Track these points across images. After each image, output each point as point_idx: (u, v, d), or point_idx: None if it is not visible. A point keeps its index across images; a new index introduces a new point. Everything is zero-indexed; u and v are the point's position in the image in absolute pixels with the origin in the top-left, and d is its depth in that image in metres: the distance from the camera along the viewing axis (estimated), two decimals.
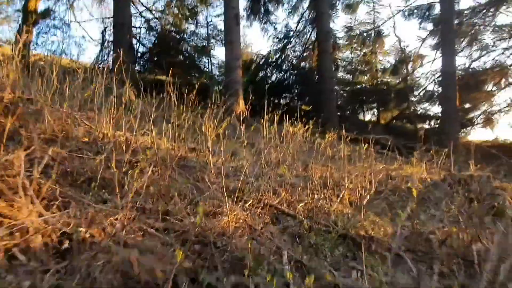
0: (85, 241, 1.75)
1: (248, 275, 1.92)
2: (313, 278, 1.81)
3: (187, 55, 12.21)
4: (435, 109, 22.69)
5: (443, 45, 11.26)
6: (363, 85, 15.55)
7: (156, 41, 12.58)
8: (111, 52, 11.26)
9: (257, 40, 47.96)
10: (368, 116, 16.97)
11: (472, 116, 14.74)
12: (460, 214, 3.66)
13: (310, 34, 12.84)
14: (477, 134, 15.38)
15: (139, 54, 13.08)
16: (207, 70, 11.54)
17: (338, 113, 12.45)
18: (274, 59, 12.55)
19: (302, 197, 3.70)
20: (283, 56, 12.72)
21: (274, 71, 12.87)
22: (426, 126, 15.35)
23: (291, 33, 12.58)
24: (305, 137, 6.02)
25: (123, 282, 1.64)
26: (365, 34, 14.96)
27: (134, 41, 12.16)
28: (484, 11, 14.07)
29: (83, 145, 3.24)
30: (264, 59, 12.35)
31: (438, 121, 14.54)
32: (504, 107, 14.47)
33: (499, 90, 14.74)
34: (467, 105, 14.59)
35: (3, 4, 11.93)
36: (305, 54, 13.05)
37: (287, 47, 12.60)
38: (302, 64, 13.69)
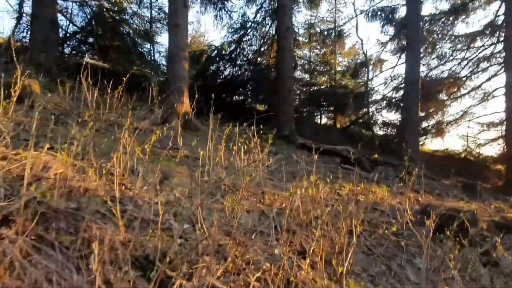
0: None
1: None
2: None
3: (127, 39, 10.58)
4: (392, 116, 22.92)
5: (407, 50, 10.83)
6: (321, 86, 14.91)
7: (89, 20, 10.78)
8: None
9: (212, 30, 45.86)
10: (324, 119, 16.47)
11: (425, 126, 14.75)
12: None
13: (269, 28, 11.80)
14: (428, 144, 15.48)
15: (68, 34, 11.19)
16: (151, 59, 10.03)
17: (294, 115, 11.60)
18: (228, 52, 11.35)
19: (257, 255, 2.61)
20: (238, 49, 11.56)
21: (227, 65, 11.67)
22: (381, 132, 15.14)
23: (249, 24, 11.45)
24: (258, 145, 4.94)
25: None
26: (326, 33, 14.28)
27: (62, 17, 10.30)
28: (444, 19, 14.04)
29: None
30: (216, 51, 11.08)
31: (395, 129, 14.33)
32: (455, 119, 14.63)
33: (453, 101, 14.91)
34: (421, 114, 14.55)
35: None
36: (262, 49, 12.00)
37: (243, 39, 11.45)
38: (259, 59, 12.63)
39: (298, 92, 14.64)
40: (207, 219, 2.98)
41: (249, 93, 12.56)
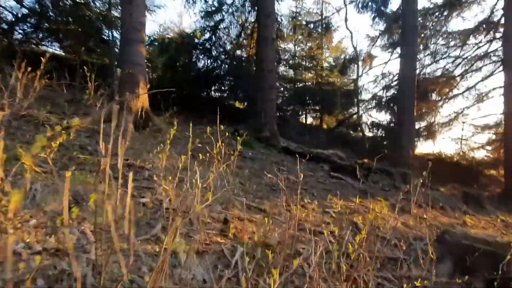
0: None
1: None
2: None
3: (85, 23, 9.22)
4: (381, 116, 22.02)
5: (403, 45, 9.88)
6: (307, 83, 13.89)
7: (42, 1, 9.39)
8: None
9: (186, 18, 43.43)
10: (309, 119, 15.46)
11: (417, 127, 13.92)
12: None
13: (249, 14, 10.62)
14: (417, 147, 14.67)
15: (18, 18, 9.75)
16: (111, 44, 8.71)
17: (277, 114, 10.50)
18: (201, 41, 10.11)
19: None
20: (214, 38, 10.33)
21: (202, 56, 10.42)
22: (370, 134, 14.24)
23: (225, 8, 10.18)
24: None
25: None
26: (312, 25, 13.26)
27: None
28: (437, 13, 13.24)
29: None
30: (188, 38, 9.79)
31: (384, 131, 13.45)
32: (449, 121, 13.91)
33: (445, 101, 14.15)
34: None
35: None
36: (241, 39, 10.82)
37: (220, 26, 10.21)
38: (238, 52, 11.47)
39: (282, 89, 13.57)
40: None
41: (226, 88, 11.38)
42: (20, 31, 10.06)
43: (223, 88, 11.35)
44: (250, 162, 5.93)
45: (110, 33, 8.73)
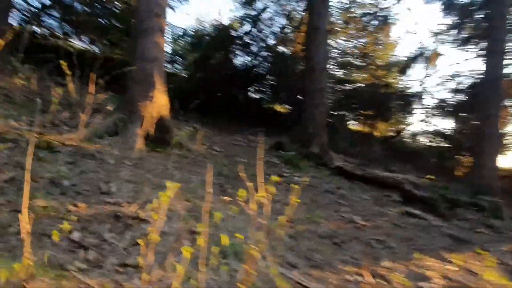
0: None
1: None
2: None
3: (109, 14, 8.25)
4: (444, 124, 19.43)
5: (489, 39, 7.99)
6: (359, 84, 12.23)
7: None
8: None
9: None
10: (355, 125, 13.70)
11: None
12: None
13: (297, 3, 9.13)
14: None
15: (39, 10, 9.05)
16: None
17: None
18: (240, 34, 8.78)
19: None
20: (254, 31, 8.96)
21: (239, 53, 9.12)
22: (432, 144, 12.26)
23: None
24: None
25: None
26: (367, 18, 11.57)
27: None
28: None
29: None
30: (224, 31, 8.49)
31: (451, 142, 11.46)
32: None
33: None
34: None
35: None
36: (286, 32, 9.35)
37: (262, 17, 8.81)
38: (282, 48, 10.06)
39: (329, 91, 11.99)
40: None
41: (266, 89, 10.02)
42: (43, 24, 9.35)
43: (262, 89, 9.99)
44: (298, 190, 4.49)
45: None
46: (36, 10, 9.03)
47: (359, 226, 3.77)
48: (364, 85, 12.11)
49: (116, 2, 8.69)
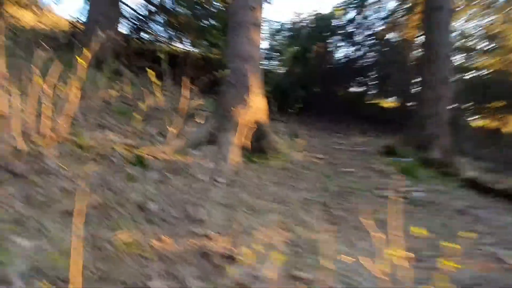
0: None
1: None
2: None
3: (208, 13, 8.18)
4: None
5: None
6: (483, 72, 10.37)
7: None
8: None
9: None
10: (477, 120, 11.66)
11: None
12: None
13: None
14: None
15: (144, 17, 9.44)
16: None
17: None
18: (342, 23, 7.90)
19: None
20: (359, 18, 7.98)
21: (341, 44, 8.25)
22: None
23: None
24: None
25: None
26: None
27: None
28: None
29: None
30: (324, 21, 7.70)
31: None
32: None
33: None
34: None
35: None
36: (397, 16, 8.13)
37: (366, 2, 7.76)
38: (389, 35, 8.90)
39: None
40: None
41: (370, 83, 8.98)
42: (148, 30, 9.72)
43: (366, 83, 8.99)
44: (421, 211, 3.61)
45: None
46: (143, 18, 9.43)
47: (508, 267, 2.75)
48: (491, 72, 10.22)
49: (215, 3, 8.60)
